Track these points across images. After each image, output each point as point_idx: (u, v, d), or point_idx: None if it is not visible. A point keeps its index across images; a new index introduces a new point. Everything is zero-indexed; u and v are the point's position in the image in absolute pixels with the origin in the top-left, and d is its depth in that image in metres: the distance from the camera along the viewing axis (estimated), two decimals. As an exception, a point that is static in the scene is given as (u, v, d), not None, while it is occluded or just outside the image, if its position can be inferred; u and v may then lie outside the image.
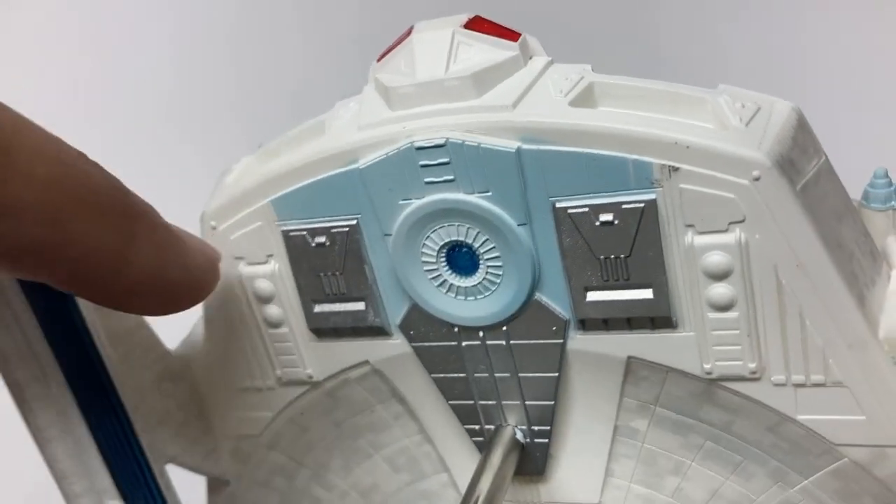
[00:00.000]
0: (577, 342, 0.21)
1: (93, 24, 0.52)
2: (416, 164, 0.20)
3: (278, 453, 0.27)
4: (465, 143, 0.19)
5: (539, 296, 0.21)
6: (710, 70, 0.45)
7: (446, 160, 0.20)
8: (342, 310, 0.23)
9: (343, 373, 0.24)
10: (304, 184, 0.22)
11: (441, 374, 0.23)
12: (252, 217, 0.23)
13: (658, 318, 0.20)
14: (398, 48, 0.21)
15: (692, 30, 0.46)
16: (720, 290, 0.19)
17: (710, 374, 0.20)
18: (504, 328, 0.22)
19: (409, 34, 0.21)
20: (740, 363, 0.20)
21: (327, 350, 0.24)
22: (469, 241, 0.21)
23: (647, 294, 0.20)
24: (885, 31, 0.44)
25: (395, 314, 0.23)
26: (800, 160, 0.18)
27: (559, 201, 0.20)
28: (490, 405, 0.23)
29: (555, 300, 0.21)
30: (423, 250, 0.21)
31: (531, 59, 0.20)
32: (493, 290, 0.21)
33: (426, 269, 0.21)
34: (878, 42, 0.44)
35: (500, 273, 0.21)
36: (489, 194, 0.20)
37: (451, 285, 0.21)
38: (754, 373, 0.20)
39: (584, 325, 0.21)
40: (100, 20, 0.52)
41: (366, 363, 0.24)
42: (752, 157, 0.18)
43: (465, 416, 0.24)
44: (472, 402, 0.23)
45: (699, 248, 0.19)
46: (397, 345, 0.23)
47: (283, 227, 0.22)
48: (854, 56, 0.44)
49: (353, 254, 0.22)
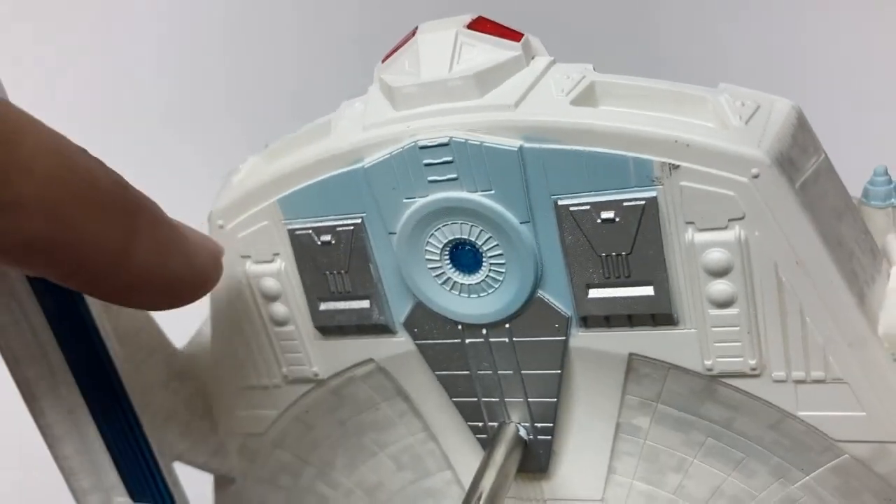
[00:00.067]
0: (580, 339, 0.21)
1: (93, 24, 0.52)
2: (419, 162, 0.20)
3: (284, 451, 0.27)
4: (469, 142, 0.20)
5: (541, 293, 0.21)
6: (711, 70, 0.45)
7: (450, 159, 0.20)
8: (347, 308, 0.23)
9: (348, 371, 0.24)
10: (309, 183, 0.22)
11: (445, 372, 0.23)
12: (259, 216, 0.23)
13: (659, 315, 0.20)
14: (403, 49, 0.21)
15: (692, 30, 0.46)
16: (720, 287, 0.19)
17: (710, 370, 0.20)
18: (507, 325, 0.22)
19: (413, 35, 0.21)
20: (741, 360, 0.20)
21: (332, 348, 0.24)
22: (472, 239, 0.21)
23: (649, 291, 0.20)
24: (885, 31, 0.44)
25: (399, 312, 0.23)
26: (799, 158, 0.19)
27: (561, 199, 0.20)
28: (493, 402, 0.23)
29: (557, 297, 0.21)
30: (427, 248, 0.21)
31: (533, 58, 0.20)
32: (496, 288, 0.21)
33: (430, 266, 0.22)
34: (878, 42, 0.44)
35: (503, 270, 0.21)
36: (492, 192, 0.20)
37: (455, 283, 0.22)
38: (755, 369, 0.20)
39: (586, 322, 0.21)
40: (100, 20, 0.52)
41: (371, 361, 0.24)
42: (751, 155, 0.18)
43: (468, 413, 0.24)
44: (475, 399, 0.23)
45: (699, 245, 0.19)
46: (402, 342, 0.23)
47: (290, 226, 0.23)
48: (854, 55, 0.44)
49: (359, 252, 0.22)
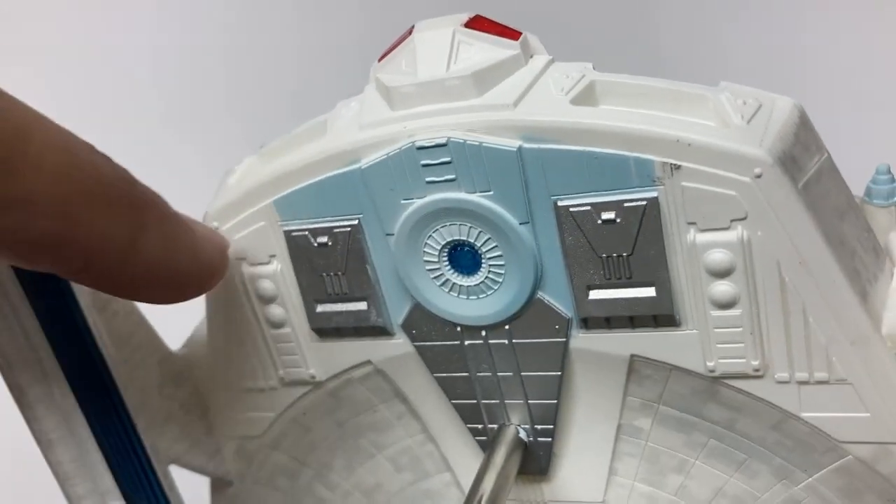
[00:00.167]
0: (580, 341, 0.21)
1: (93, 24, 0.52)
2: (417, 163, 0.20)
3: (281, 453, 0.27)
4: (467, 142, 0.19)
5: (541, 294, 0.21)
6: (711, 69, 0.45)
7: (448, 159, 0.20)
8: (344, 310, 0.23)
9: (345, 373, 0.24)
10: (306, 184, 0.22)
11: (444, 374, 0.23)
12: (254, 217, 0.23)
13: (661, 316, 0.20)
14: (399, 48, 0.21)
15: (692, 29, 0.46)
16: (723, 288, 0.19)
17: (713, 371, 0.20)
18: (506, 327, 0.22)
19: (409, 34, 0.21)
20: (743, 361, 0.20)
21: (330, 350, 0.24)
22: (471, 241, 0.21)
23: (650, 292, 0.20)
24: (885, 31, 0.44)
25: (397, 314, 0.23)
26: (802, 157, 0.18)
27: (561, 200, 0.20)
28: (493, 404, 0.23)
29: (557, 299, 0.21)
30: (425, 250, 0.21)
31: (532, 57, 0.20)
32: (496, 289, 0.21)
33: (428, 268, 0.21)
34: (879, 40, 0.44)
35: (503, 272, 0.21)
36: (491, 193, 0.20)
37: (454, 284, 0.21)
38: (757, 370, 0.20)
39: (587, 324, 0.21)
40: (100, 20, 0.52)
41: (368, 363, 0.24)
42: (753, 155, 0.18)
43: (467, 415, 0.24)
44: (474, 401, 0.23)
45: (701, 245, 0.19)
46: (400, 344, 0.23)
47: (286, 228, 0.22)
48: (856, 53, 0.44)
49: (356, 254, 0.22)
